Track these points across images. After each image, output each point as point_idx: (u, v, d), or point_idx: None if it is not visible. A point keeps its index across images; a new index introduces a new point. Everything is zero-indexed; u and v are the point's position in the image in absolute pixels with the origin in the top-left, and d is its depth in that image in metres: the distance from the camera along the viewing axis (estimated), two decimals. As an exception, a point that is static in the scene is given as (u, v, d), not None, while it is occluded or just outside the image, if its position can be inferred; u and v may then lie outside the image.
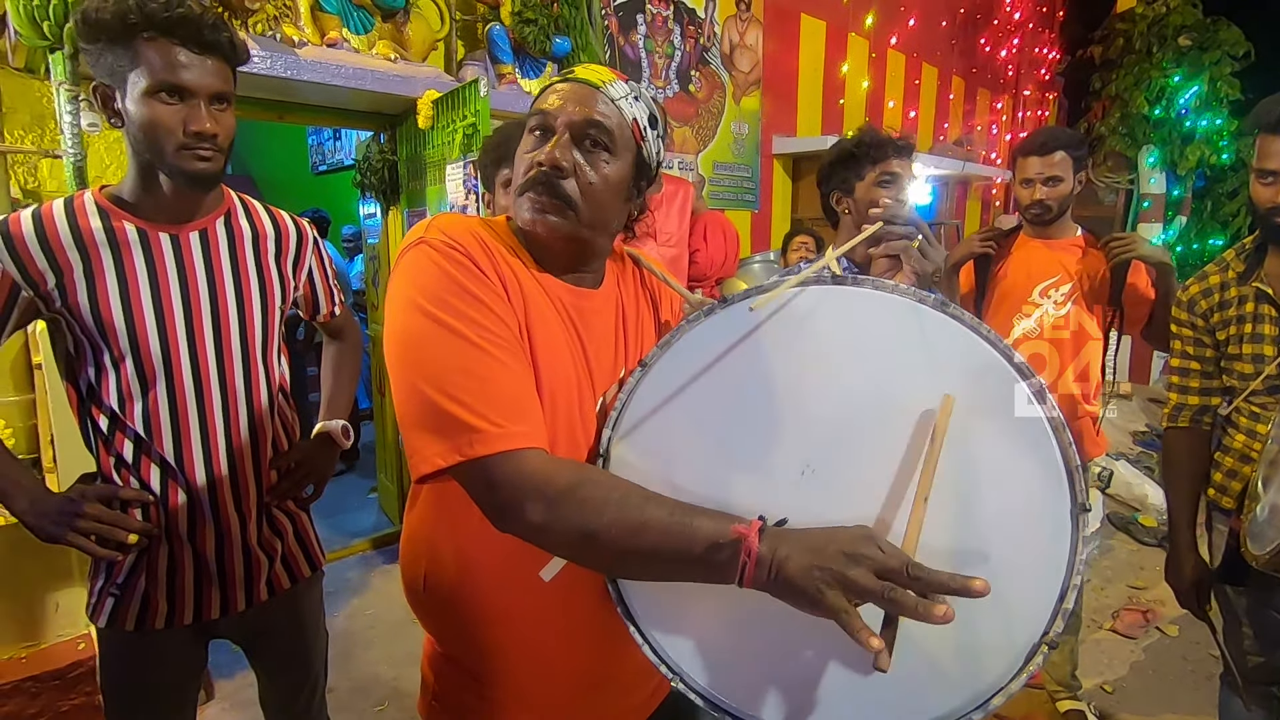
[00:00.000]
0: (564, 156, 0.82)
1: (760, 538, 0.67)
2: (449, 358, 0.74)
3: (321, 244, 1.39)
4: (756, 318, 0.82)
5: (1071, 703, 2.22)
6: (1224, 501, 1.56)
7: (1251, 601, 1.55)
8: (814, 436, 0.78)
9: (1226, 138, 6.53)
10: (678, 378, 0.83)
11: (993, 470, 0.75)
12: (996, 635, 0.72)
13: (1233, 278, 1.53)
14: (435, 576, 0.93)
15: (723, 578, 0.69)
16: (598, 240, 0.90)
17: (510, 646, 0.92)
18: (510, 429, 0.73)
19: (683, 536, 0.69)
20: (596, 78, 0.85)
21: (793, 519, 0.75)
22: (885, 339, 0.79)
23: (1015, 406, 0.75)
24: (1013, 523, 0.74)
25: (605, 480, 0.75)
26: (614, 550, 0.72)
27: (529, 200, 0.83)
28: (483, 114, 2.45)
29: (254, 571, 1.24)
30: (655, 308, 1.02)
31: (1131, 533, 3.60)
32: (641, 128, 0.87)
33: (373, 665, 2.54)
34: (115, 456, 1.13)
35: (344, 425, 1.43)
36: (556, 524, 0.72)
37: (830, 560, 0.64)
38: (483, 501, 0.75)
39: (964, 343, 0.77)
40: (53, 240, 1.06)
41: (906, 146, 1.50)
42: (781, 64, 4.74)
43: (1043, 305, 2.03)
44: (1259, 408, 1.50)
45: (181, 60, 1.03)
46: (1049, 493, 0.74)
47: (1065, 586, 0.72)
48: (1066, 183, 1.97)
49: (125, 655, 1.19)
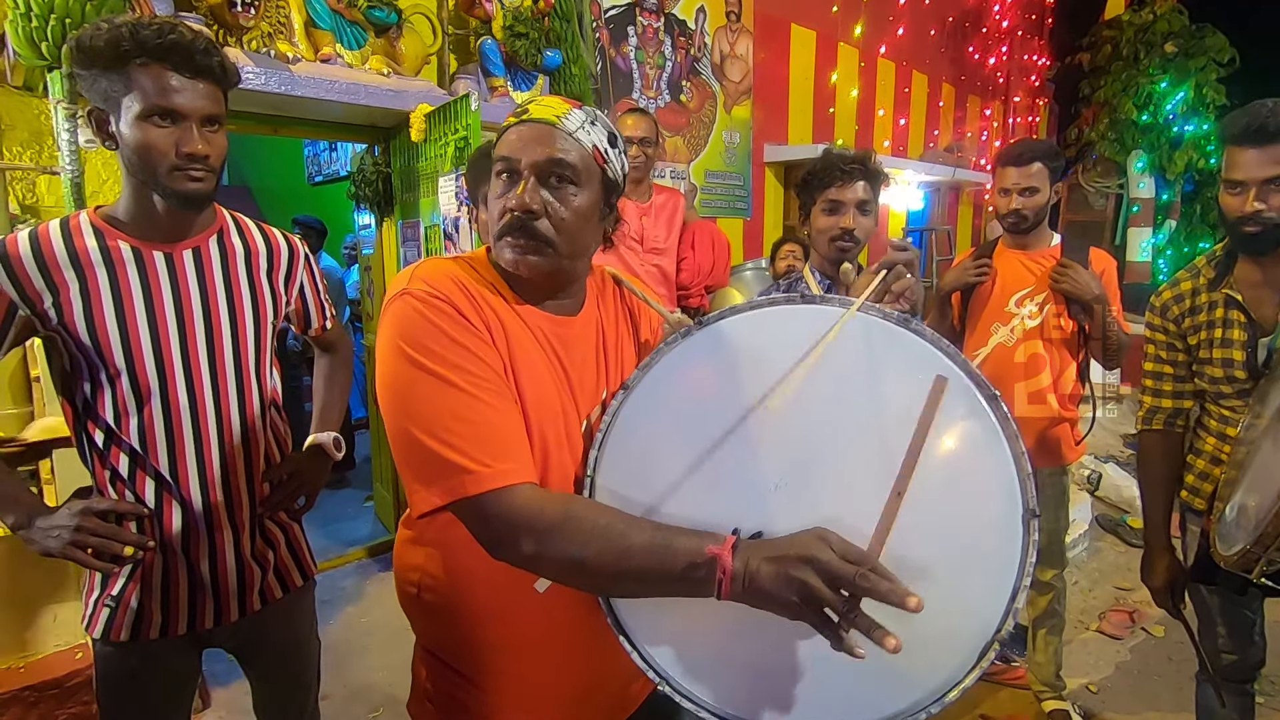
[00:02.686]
0: (533, 199, 0.85)
1: (734, 554, 0.72)
2: (438, 403, 0.79)
3: (313, 259, 1.43)
4: (733, 335, 0.86)
5: (1056, 702, 2.24)
6: (1196, 503, 1.60)
7: (1223, 600, 1.59)
8: (787, 451, 0.82)
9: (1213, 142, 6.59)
10: (658, 399, 0.88)
11: (950, 475, 0.79)
12: (952, 633, 0.76)
13: (1203, 284, 1.57)
14: (430, 582, 0.96)
15: (702, 593, 0.74)
16: (577, 266, 0.94)
17: (503, 650, 0.95)
18: (499, 468, 0.78)
19: (663, 558, 0.75)
20: (551, 113, 0.87)
21: (767, 530, 0.79)
22: (853, 355, 0.83)
23: (972, 416, 0.79)
24: (968, 526, 0.78)
25: (591, 511, 0.80)
26: (602, 575, 0.78)
27: (508, 245, 0.87)
28: (474, 127, 2.49)
29: (247, 582, 1.27)
30: (635, 326, 1.06)
31: (1120, 535, 3.64)
32: (603, 151, 0.90)
33: (368, 672, 2.56)
34: (110, 470, 1.16)
35: (335, 437, 1.46)
36: (547, 554, 0.78)
37: (792, 568, 0.69)
38: (478, 535, 0.81)
39: (924, 355, 0.81)
40: (49, 260, 1.10)
41: (851, 171, 1.53)
42: (772, 73, 4.79)
43: (1019, 314, 2.08)
44: (1229, 411, 1.54)
45: (173, 85, 1.06)
46: (1002, 499, 0.78)
47: (1016, 587, 0.76)
48: (1043, 193, 2.02)
49: (120, 665, 1.21)
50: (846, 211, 1.55)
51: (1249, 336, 1.48)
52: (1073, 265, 1.93)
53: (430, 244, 2.90)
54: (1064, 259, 1.96)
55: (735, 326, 0.87)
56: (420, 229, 2.99)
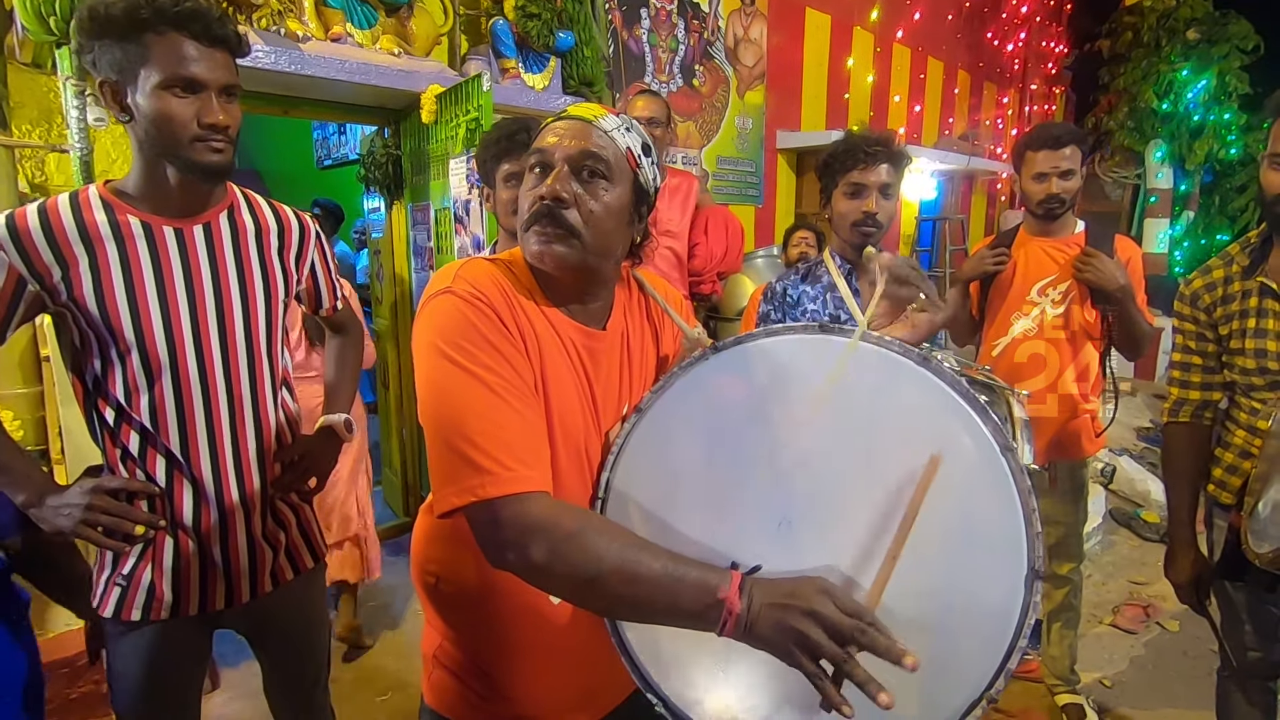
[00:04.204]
0: (564, 188, 0.86)
1: (739, 594, 0.73)
2: (467, 402, 0.80)
3: (324, 238, 1.41)
4: (747, 362, 0.87)
5: (1070, 696, 2.22)
6: (1223, 497, 1.56)
7: (1250, 597, 1.55)
8: (794, 489, 0.83)
9: (1235, 132, 6.49)
10: (670, 422, 0.89)
11: (955, 529, 0.78)
12: (944, 687, 0.76)
13: (1236, 272, 1.52)
14: (452, 577, 0.97)
15: (705, 629, 0.74)
16: (604, 267, 0.93)
17: (522, 639, 0.96)
18: (519, 473, 0.78)
19: (672, 590, 0.74)
20: (589, 113, 0.89)
21: (767, 564, 0.79)
22: (872, 395, 0.83)
23: (988, 470, 0.78)
24: (969, 581, 0.77)
25: (606, 528, 0.79)
26: (609, 596, 0.77)
27: (535, 233, 0.87)
28: (485, 109, 2.46)
29: (258, 563, 1.26)
30: (657, 336, 1.06)
31: (1134, 528, 3.60)
32: (636, 155, 0.91)
33: (377, 656, 2.56)
34: (121, 449, 1.15)
35: (346, 419, 1.44)
36: (558, 566, 0.76)
37: (792, 619, 0.70)
38: (486, 538, 0.79)
39: (942, 400, 0.80)
40: (58, 234, 1.08)
41: (875, 154, 1.49)
42: (786, 58, 4.72)
43: (1040, 304, 2.04)
44: (1259, 403, 1.50)
45: (192, 54, 1.05)
46: (1007, 555, 0.76)
47: (1011, 648, 0.75)
48: (1078, 176, 1.98)
49: (131, 645, 1.20)
50: (869, 195, 1.51)
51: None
52: (1097, 254, 1.88)
53: (440, 227, 2.87)
54: (1088, 247, 1.91)
55: (751, 353, 0.88)
56: (430, 212, 2.96)
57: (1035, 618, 0.76)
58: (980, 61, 6.66)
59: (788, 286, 1.61)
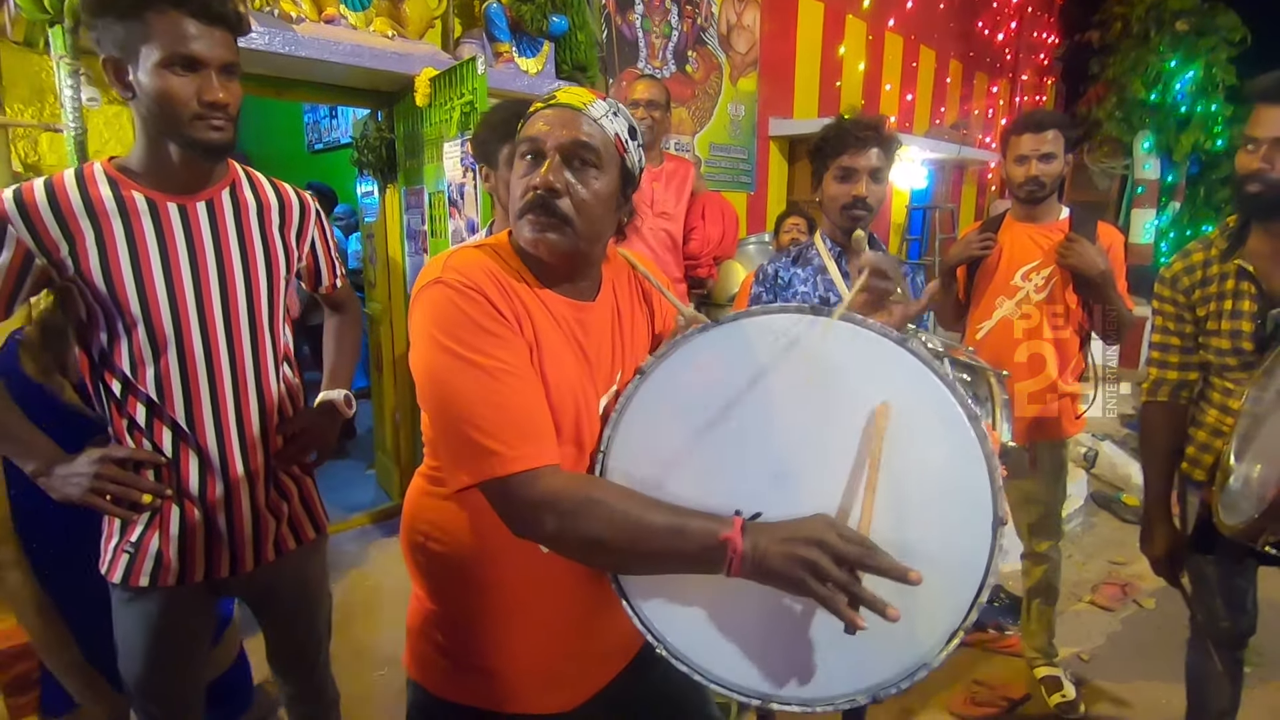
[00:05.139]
0: (557, 178, 0.89)
1: (743, 536, 0.80)
2: (469, 390, 0.84)
3: (324, 216, 1.43)
4: (742, 339, 0.94)
5: (1048, 669, 2.29)
6: (1196, 474, 1.62)
7: (1220, 569, 1.62)
8: (785, 447, 0.89)
9: (1221, 124, 6.55)
10: (670, 386, 0.94)
11: (932, 480, 0.87)
12: (927, 616, 0.83)
13: (1215, 255, 1.57)
14: (439, 537, 0.99)
15: (714, 571, 0.81)
16: (593, 250, 0.97)
17: (505, 606, 0.99)
18: (524, 451, 0.83)
19: (678, 541, 0.81)
20: (578, 100, 0.92)
21: (766, 513, 0.86)
22: (849, 364, 0.91)
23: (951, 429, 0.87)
24: (945, 525, 0.86)
25: (610, 493, 0.86)
26: (619, 554, 0.84)
27: (529, 222, 0.91)
28: (480, 92, 2.46)
29: (262, 532, 1.29)
30: (650, 312, 1.11)
31: (1114, 511, 3.68)
32: (623, 140, 0.94)
33: (373, 633, 2.60)
34: (128, 419, 1.17)
35: (346, 395, 1.47)
36: (569, 534, 0.83)
37: (800, 549, 0.77)
38: (503, 514, 0.86)
39: (916, 373, 0.89)
40: (65, 209, 1.09)
41: (865, 138, 1.52)
42: (779, 45, 4.73)
43: (1024, 288, 2.08)
44: (1233, 384, 1.55)
45: (192, 32, 1.06)
46: (975, 504, 0.85)
47: (982, 584, 0.84)
48: (1059, 161, 2.01)
49: (138, 611, 1.23)
50: (859, 179, 1.54)
51: (1259, 308, 1.49)
52: (1079, 239, 1.93)
53: (434, 210, 2.88)
54: (1071, 233, 1.96)
55: (747, 327, 0.94)
56: (424, 196, 2.97)
57: (1000, 561, 0.84)
58: (972, 51, 6.68)
59: (779, 269, 1.64)
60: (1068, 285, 2.04)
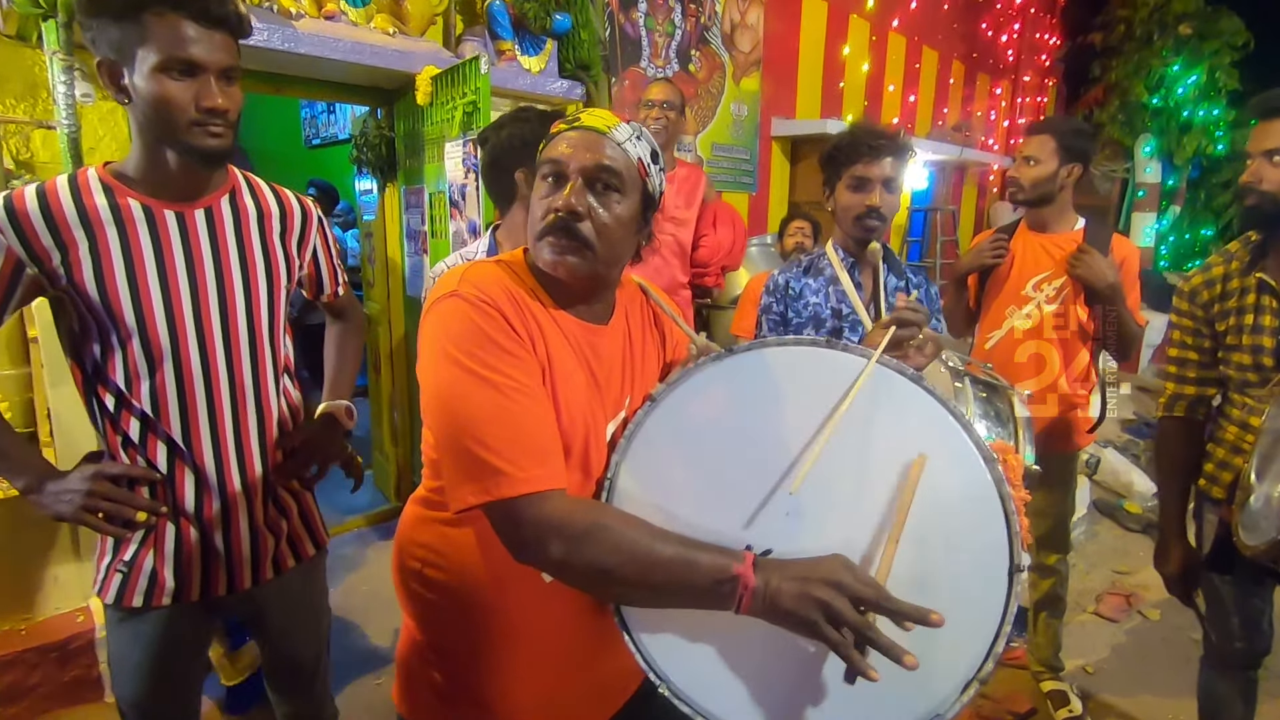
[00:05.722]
0: (579, 201, 0.88)
1: (755, 571, 0.76)
2: (480, 406, 0.81)
3: (325, 222, 1.38)
4: (758, 367, 0.91)
5: (1054, 683, 2.27)
6: (1214, 491, 1.59)
7: (1237, 590, 1.59)
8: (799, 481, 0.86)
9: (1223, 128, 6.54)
10: (681, 415, 0.92)
11: (948, 525, 0.84)
12: (942, 665, 0.80)
13: (1236, 269, 1.54)
14: (437, 563, 0.97)
15: (723, 607, 0.78)
16: (611, 274, 0.96)
17: (504, 637, 0.96)
18: (533, 472, 0.80)
19: (688, 573, 0.78)
20: (602, 123, 0.91)
21: (777, 550, 0.83)
22: (869, 406, 0.88)
23: (966, 474, 0.86)
24: (960, 573, 0.83)
25: (619, 521, 0.82)
26: (626, 584, 0.80)
27: (549, 244, 0.89)
28: (483, 92, 2.42)
29: (260, 550, 1.25)
30: (662, 339, 1.09)
31: (1117, 519, 3.66)
32: (646, 165, 0.93)
33: (370, 639, 2.56)
34: (122, 435, 1.13)
35: (347, 406, 1.43)
36: (575, 561, 0.79)
37: (815, 589, 0.74)
38: (507, 537, 0.82)
39: (931, 412, 0.88)
40: (58, 217, 1.05)
41: (879, 147, 1.49)
42: (782, 45, 4.69)
43: (1035, 299, 2.06)
44: (1253, 400, 1.52)
45: (190, 35, 1.02)
46: (991, 552, 0.83)
47: (998, 633, 0.81)
48: (1044, 166, 1.99)
49: (133, 631, 1.19)
50: (873, 189, 1.50)
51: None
52: (1090, 250, 1.91)
53: (435, 211, 2.84)
54: (1083, 244, 1.94)
55: (761, 359, 0.91)
56: (424, 196, 2.92)
57: (1018, 606, 0.82)
58: (974, 52, 6.65)
59: (789, 279, 1.61)
60: (1079, 297, 2.01)
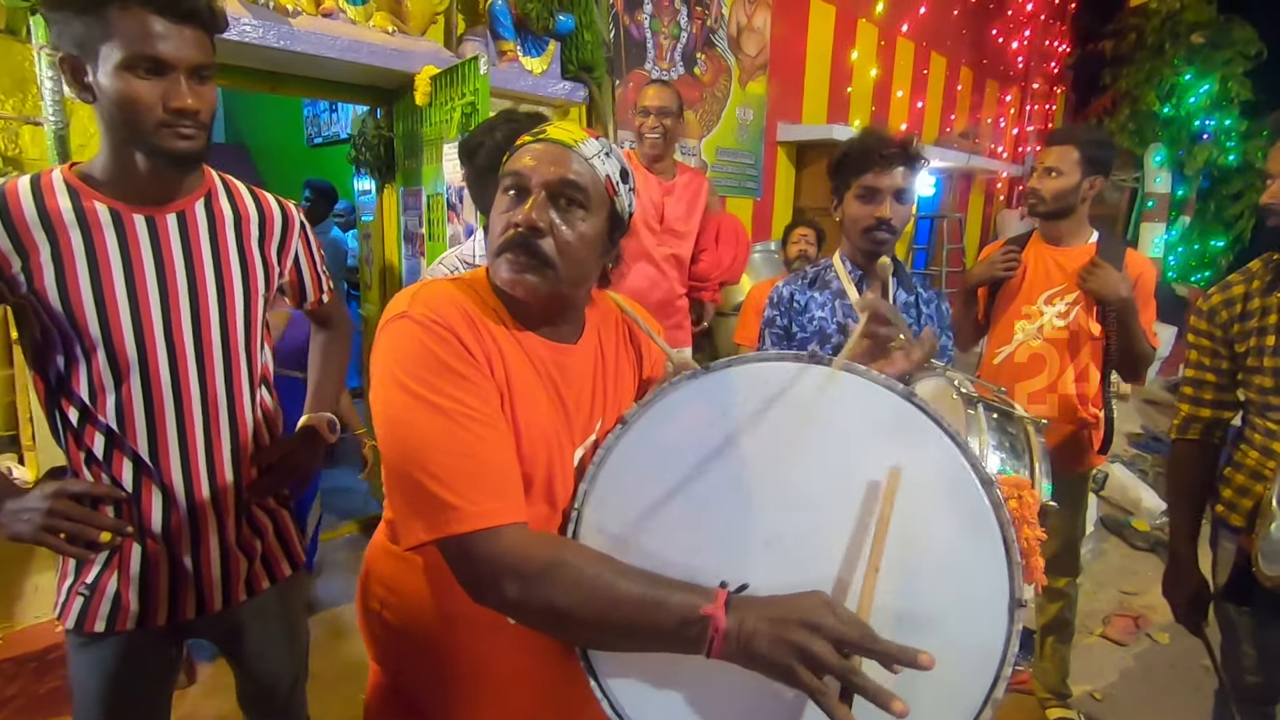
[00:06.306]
0: (540, 217, 0.82)
1: (727, 612, 0.70)
2: (430, 435, 0.76)
3: (309, 228, 1.33)
4: (734, 388, 0.85)
5: (1061, 711, 2.20)
6: (1233, 519, 1.52)
7: (1254, 622, 1.52)
8: (779, 508, 0.80)
9: (1235, 138, 6.47)
10: (654, 438, 0.86)
11: (940, 554, 0.77)
12: (935, 711, 0.73)
13: (1257, 288, 1.48)
14: (394, 603, 0.94)
15: (692, 651, 0.71)
16: (576, 294, 0.90)
17: (467, 680, 0.92)
18: (486, 506, 0.75)
19: (654, 613, 0.72)
20: (569, 137, 0.85)
21: (754, 584, 0.77)
22: (852, 420, 0.83)
23: (961, 498, 0.78)
24: (954, 608, 0.76)
25: (581, 557, 0.76)
26: (587, 626, 0.74)
27: (507, 261, 0.83)
28: (482, 93, 2.37)
29: (232, 572, 1.19)
30: (638, 356, 1.03)
31: (1125, 536, 3.59)
32: (614, 183, 0.87)
33: (360, 649, 2.50)
34: (86, 451, 1.07)
35: (330, 418, 1.38)
36: (532, 601, 0.74)
37: (792, 633, 0.67)
38: (462, 576, 0.76)
39: (923, 431, 0.81)
40: (17, 221, 1.00)
41: (891, 156, 1.43)
42: (789, 49, 4.64)
43: (1047, 313, 1.99)
44: (1275, 424, 1.46)
45: (158, 31, 0.95)
46: (990, 585, 0.76)
47: (997, 676, 0.74)
48: (1067, 178, 1.93)
49: (94, 657, 1.13)
50: (883, 200, 1.44)
51: None
52: (1103, 264, 1.85)
53: (432, 213, 2.79)
54: (1095, 257, 1.88)
55: (740, 375, 0.86)
56: (422, 197, 2.87)
57: (1017, 646, 0.75)
58: (983, 58, 6.59)
59: (795, 292, 1.55)
60: (1091, 311, 1.95)
